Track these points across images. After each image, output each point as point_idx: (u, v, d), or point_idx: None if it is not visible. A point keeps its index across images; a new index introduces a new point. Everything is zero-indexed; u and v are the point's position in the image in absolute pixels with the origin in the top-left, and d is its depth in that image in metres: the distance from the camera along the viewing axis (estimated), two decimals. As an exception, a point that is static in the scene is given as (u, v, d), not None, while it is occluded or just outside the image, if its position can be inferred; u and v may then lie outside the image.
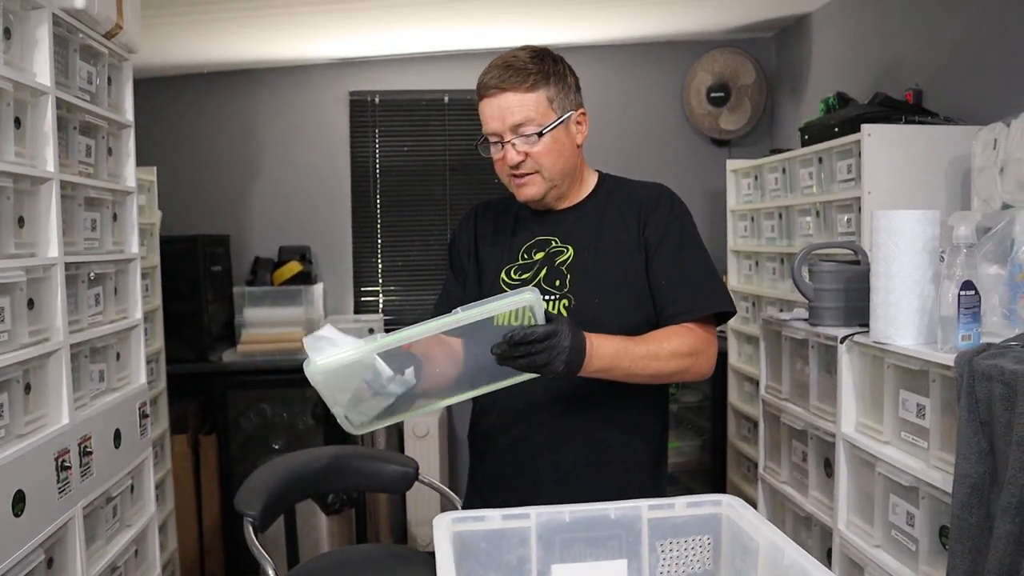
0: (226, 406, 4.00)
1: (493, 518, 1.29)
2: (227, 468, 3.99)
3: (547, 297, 1.69)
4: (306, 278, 4.31)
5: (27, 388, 1.89)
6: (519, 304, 1.40)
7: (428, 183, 4.60)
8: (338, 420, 1.49)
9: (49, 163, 1.98)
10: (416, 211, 4.61)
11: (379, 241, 4.60)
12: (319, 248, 4.56)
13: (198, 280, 3.96)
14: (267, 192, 4.55)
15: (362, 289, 4.62)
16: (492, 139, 1.69)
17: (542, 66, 1.66)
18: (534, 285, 1.71)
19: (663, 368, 1.61)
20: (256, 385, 4.06)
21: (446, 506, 4.27)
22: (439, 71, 4.54)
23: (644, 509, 1.31)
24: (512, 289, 1.68)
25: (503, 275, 1.77)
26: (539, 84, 1.65)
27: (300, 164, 4.55)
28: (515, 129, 1.65)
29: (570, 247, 1.74)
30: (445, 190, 4.60)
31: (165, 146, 4.22)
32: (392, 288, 4.63)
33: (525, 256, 1.77)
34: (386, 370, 1.41)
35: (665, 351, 1.60)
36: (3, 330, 1.78)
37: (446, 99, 4.55)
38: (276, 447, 4.03)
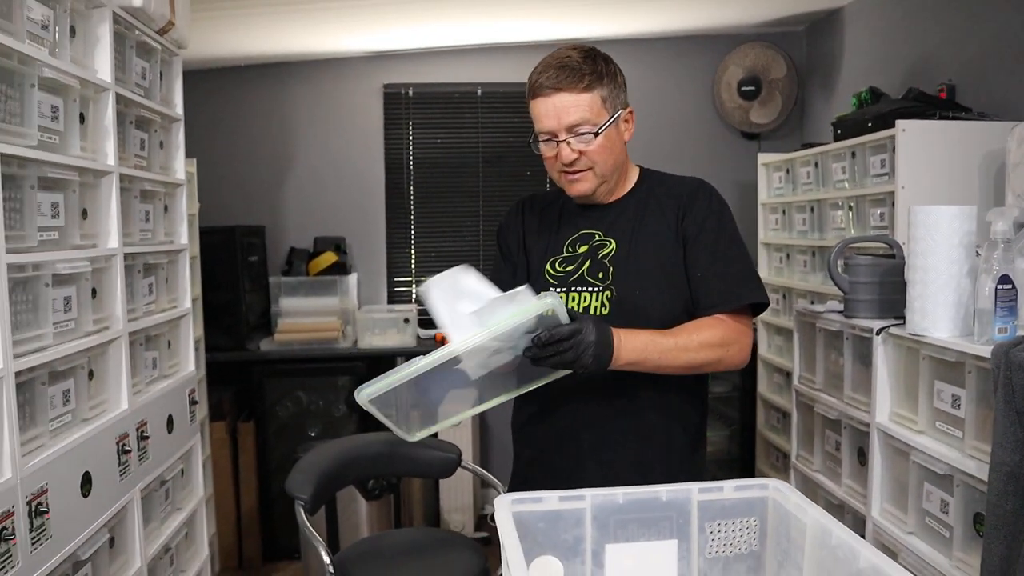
0: (263, 394, 4.08)
1: (550, 499, 1.35)
2: (264, 455, 4.07)
3: (590, 289, 1.75)
4: (341, 268, 4.38)
5: (91, 375, 1.97)
6: (542, 309, 1.45)
7: (461, 175, 4.66)
8: (395, 431, 1.60)
9: (110, 157, 2.06)
10: (449, 203, 4.67)
11: (412, 232, 4.67)
12: (353, 239, 4.63)
13: (236, 270, 4.04)
14: (302, 183, 4.62)
15: (395, 280, 4.69)
16: (544, 137, 1.73)
17: (595, 66, 1.70)
18: (578, 277, 1.77)
19: (694, 359, 1.66)
20: (292, 373, 4.14)
21: (478, 494, 4.36)
22: (472, 64, 4.60)
23: (694, 492, 1.37)
24: (556, 279, 1.77)
25: (548, 267, 1.82)
26: (593, 84, 1.69)
27: (335, 156, 4.62)
28: (570, 129, 1.69)
29: (613, 240, 1.79)
30: (478, 182, 4.65)
31: (203, 138, 4.29)
32: (425, 279, 4.67)
33: (570, 249, 1.82)
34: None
35: (695, 342, 1.66)
36: (70, 319, 1.86)
37: (479, 92, 4.61)
38: (312, 434, 4.11)
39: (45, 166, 1.74)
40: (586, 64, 1.69)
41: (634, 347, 1.59)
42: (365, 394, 1.47)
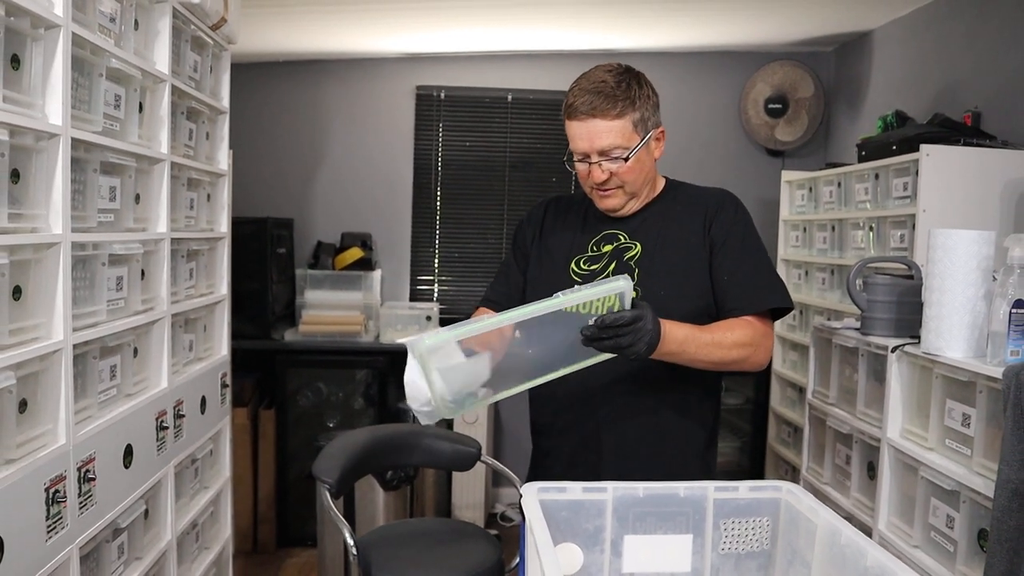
0: (285, 383, 4.17)
1: (574, 490, 1.42)
2: (283, 442, 4.16)
3: None
4: (366, 264, 4.47)
5: (135, 352, 2.06)
6: (615, 291, 1.54)
7: (488, 178, 4.74)
8: (418, 414, 1.57)
9: (163, 145, 2.16)
10: (475, 205, 4.76)
11: (437, 232, 4.76)
12: (379, 236, 4.71)
13: (265, 261, 4.13)
14: (332, 179, 4.71)
15: (418, 278, 4.77)
16: (577, 156, 1.80)
17: (628, 91, 1.76)
18: (604, 277, 1.84)
19: (725, 356, 1.74)
20: (314, 364, 4.23)
21: (490, 492, 4.43)
22: (503, 70, 4.68)
23: (711, 490, 1.44)
24: (581, 277, 1.85)
25: (573, 264, 1.90)
26: (626, 111, 1.76)
27: (365, 154, 4.71)
28: (602, 152, 1.77)
29: (638, 243, 1.87)
30: (504, 186, 4.74)
31: (238, 130, 4.38)
32: (447, 278, 4.78)
33: (594, 248, 1.90)
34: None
35: (728, 340, 1.74)
36: (120, 297, 1.95)
37: (509, 98, 4.69)
38: (331, 425, 4.20)
39: (107, 151, 1.84)
40: (619, 90, 1.75)
41: (676, 338, 1.66)
42: (427, 344, 1.43)
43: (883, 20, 3.99)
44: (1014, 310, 1.83)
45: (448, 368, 1.50)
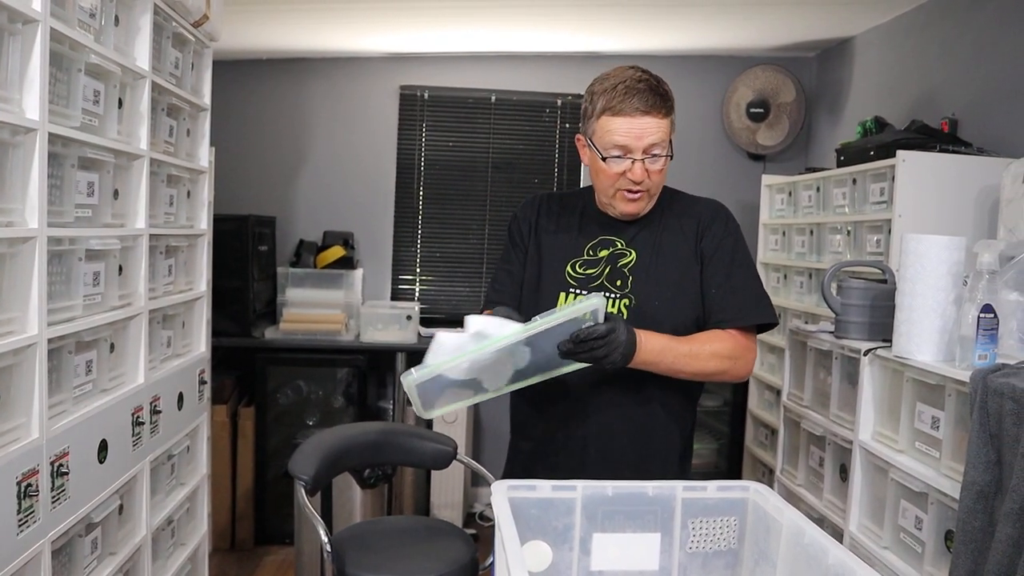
0: (265, 381, 4.17)
1: (544, 488, 1.44)
2: (262, 440, 4.16)
3: (608, 295, 1.84)
4: (348, 263, 4.47)
5: (112, 347, 2.07)
6: (589, 308, 1.60)
7: (471, 179, 4.76)
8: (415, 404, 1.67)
9: (142, 141, 2.16)
10: (457, 205, 4.77)
11: (419, 232, 4.76)
12: (361, 235, 4.72)
13: (246, 258, 4.12)
14: (315, 177, 4.71)
15: (400, 277, 4.78)
16: (615, 153, 1.78)
17: (670, 92, 1.81)
18: (599, 283, 1.87)
19: (704, 367, 1.77)
20: (294, 363, 4.23)
21: (468, 491, 4.44)
22: (487, 71, 4.70)
23: (679, 489, 1.46)
24: (577, 280, 1.87)
25: (569, 268, 1.90)
26: (671, 110, 1.81)
27: (348, 152, 4.72)
28: (648, 150, 1.78)
29: (633, 251, 1.88)
30: (486, 186, 4.75)
31: (221, 127, 4.37)
32: (428, 278, 4.78)
33: (590, 252, 1.91)
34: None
35: (706, 352, 1.77)
36: (97, 292, 1.95)
37: (493, 98, 4.70)
38: (310, 423, 4.20)
39: (85, 147, 1.84)
40: (663, 89, 1.79)
41: (652, 348, 1.71)
42: (413, 378, 1.59)
43: (864, 27, 4.03)
44: (982, 315, 1.86)
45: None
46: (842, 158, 3.30)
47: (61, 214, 1.76)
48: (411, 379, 1.59)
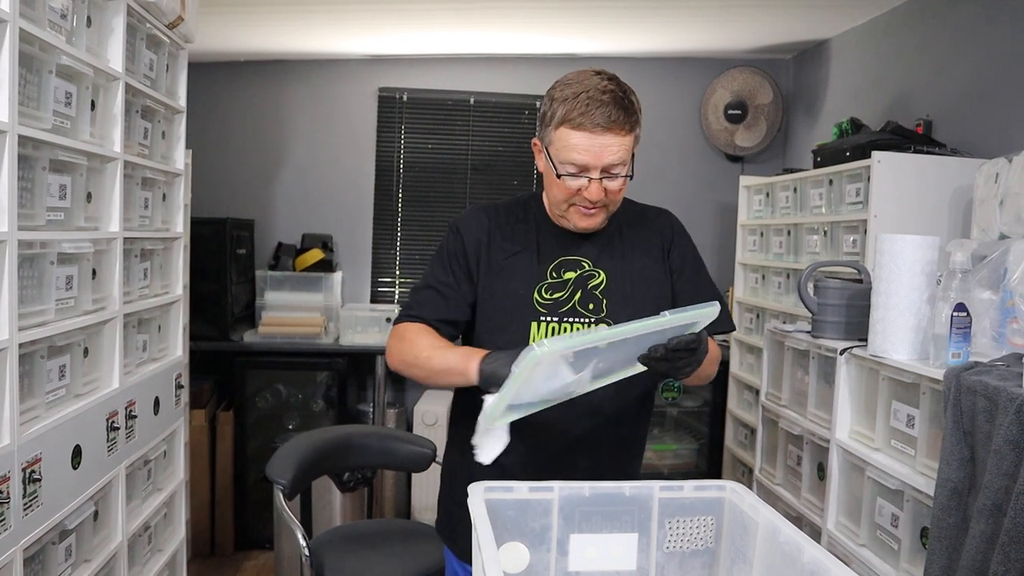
0: (244, 384, 4.15)
1: (521, 489, 1.43)
2: (241, 444, 4.13)
3: (582, 319, 1.75)
4: (327, 266, 4.46)
5: (85, 352, 2.05)
6: (713, 316, 1.49)
7: (449, 181, 4.75)
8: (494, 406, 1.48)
9: (116, 144, 2.14)
10: (436, 207, 4.76)
11: (399, 234, 4.76)
12: (340, 237, 4.71)
13: (224, 261, 4.10)
14: (293, 180, 4.70)
15: (379, 279, 4.77)
16: (572, 170, 1.65)
17: (636, 105, 1.67)
18: (570, 308, 1.75)
19: (712, 371, 1.80)
20: (273, 366, 4.21)
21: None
22: (466, 73, 4.69)
23: (656, 489, 1.46)
24: (546, 307, 1.74)
25: (536, 295, 1.77)
26: (636, 124, 1.67)
27: (327, 155, 4.70)
28: (607, 168, 1.64)
29: (602, 272, 1.79)
30: (465, 188, 4.75)
31: (198, 130, 4.36)
32: (408, 280, 4.77)
33: (554, 275, 1.78)
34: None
35: (714, 356, 1.78)
36: (70, 297, 1.93)
37: (472, 100, 4.70)
38: (290, 427, 4.18)
39: (57, 149, 1.82)
40: (629, 102, 1.65)
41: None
42: (546, 350, 1.32)
43: (840, 29, 4.05)
44: (955, 313, 1.88)
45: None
46: (819, 159, 3.32)
47: (32, 217, 1.74)
48: (542, 351, 1.30)
